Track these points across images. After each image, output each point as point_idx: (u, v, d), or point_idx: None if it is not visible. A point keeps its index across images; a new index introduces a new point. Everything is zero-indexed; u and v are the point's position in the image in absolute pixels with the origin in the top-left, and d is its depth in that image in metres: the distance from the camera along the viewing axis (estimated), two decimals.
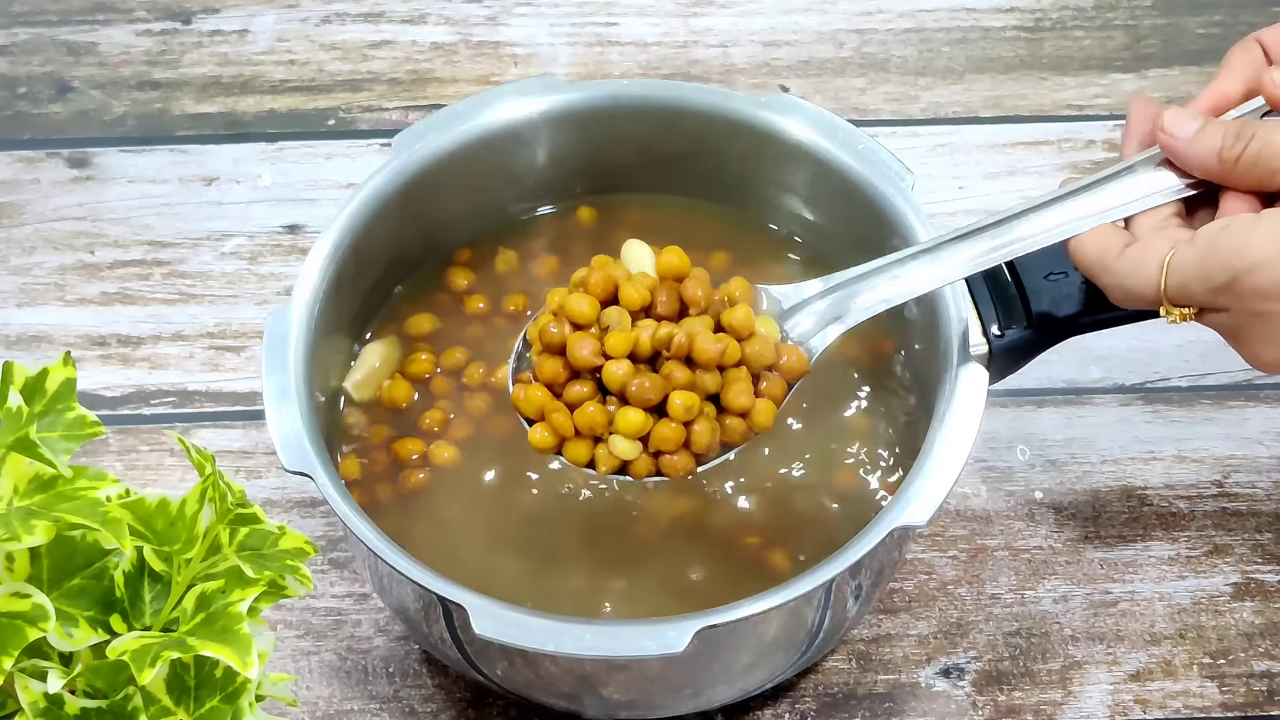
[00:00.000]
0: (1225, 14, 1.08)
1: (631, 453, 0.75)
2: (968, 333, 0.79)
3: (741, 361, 0.75)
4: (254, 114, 1.05)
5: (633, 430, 0.74)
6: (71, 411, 0.59)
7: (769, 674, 0.81)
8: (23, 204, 1.01)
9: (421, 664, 0.85)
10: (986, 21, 1.08)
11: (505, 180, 0.89)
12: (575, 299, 0.75)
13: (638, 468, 0.75)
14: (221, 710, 0.59)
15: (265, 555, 0.60)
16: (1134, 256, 0.74)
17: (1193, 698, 0.84)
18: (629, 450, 0.75)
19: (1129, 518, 0.90)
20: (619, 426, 0.74)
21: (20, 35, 1.08)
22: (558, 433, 0.75)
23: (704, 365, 0.74)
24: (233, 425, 0.93)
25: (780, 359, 0.76)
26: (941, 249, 0.76)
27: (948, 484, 0.75)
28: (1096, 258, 0.74)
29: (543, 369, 0.75)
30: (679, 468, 0.75)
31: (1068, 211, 0.76)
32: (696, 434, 0.74)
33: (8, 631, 0.56)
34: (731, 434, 0.75)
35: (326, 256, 0.82)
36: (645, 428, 0.74)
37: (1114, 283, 0.74)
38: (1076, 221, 0.75)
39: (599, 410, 0.74)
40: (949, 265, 0.76)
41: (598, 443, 0.75)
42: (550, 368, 0.75)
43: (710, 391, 0.75)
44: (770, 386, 0.76)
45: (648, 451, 0.75)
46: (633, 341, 0.74)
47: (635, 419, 0.74)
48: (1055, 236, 0.75)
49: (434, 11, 1.09)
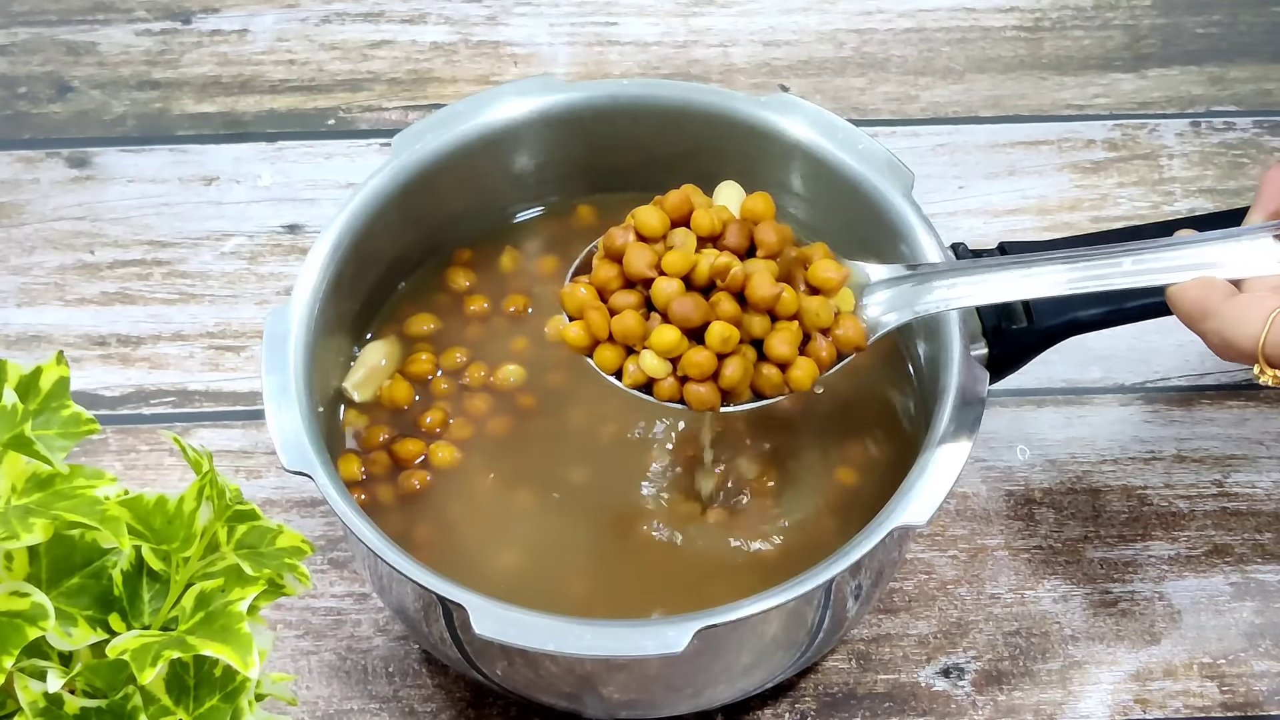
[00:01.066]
0: (1225, 13, 1.08)
1: (659, 371, 0.74)
2: (969, 332, 0.79)
3: (797, 315, 0.74)
4: (254, 114, 1.05)
5: (665, 347, 0.73)
6: (66, 409, 0.59)
7: (769, 674, 0.81)
8: (22, 204, 1.01)
9: (421, 664, 0.85)
10: (986, 21, 1.08)
11: (505, 180, 0.88)
12: (647, 211, 0.75)
13: (661, 389, 0.74)
14: (221, 709, 0.59)
15: (263, 553, 0.60)
16: (1239, 305, 0.72)
17: (1193, 698, 0.84)
18: (657, 368, 0.74)
19: (1129, 517, 0.90)
20: (653, 341, 0.73)
21: (20, 35, 1.08)
22: (592, 333, 0.74)
23: (755, 306, 0.73)
24: (232, 425, 0.93)
25: (839, 328, 0.75)
26: (1037, 264, 0.75)
27: (947, 484, 0.75)
28: (1199, 303, 0.73)
29: (598, 272, 0.75)
30: (703, 400, 0.74)
31: (1177, 259, 0.74)
32: (727, 370, 0.73)
33: (7, 631, 0.56)
34: (765, 383, 0.74)
35: (326, 256, 0.82)
36: (679, 348, 0.73)
37: (1214, 329, 0.72)
38: (1183, 270, 0.74)
39: (637, 320, 0.73)
40: (1040, 283, 0.75)
41: (630, 354, 0.75)
42: (605, 272, 0.74)
43: (755, 335, 0.73)
44: (819, 349, 0.75)
45: (676, 376, 0.74)
46: (691, 263, 0.73)
47: (670, 336, 0.73)
48: (1159, 279, 0.74)
49: (434, 11, 1.09)
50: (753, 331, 0.73)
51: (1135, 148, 1.03)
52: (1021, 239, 0.83)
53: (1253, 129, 1.03)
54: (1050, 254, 0.76)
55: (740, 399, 0.75)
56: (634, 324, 0.74)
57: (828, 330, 0.75)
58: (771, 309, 0.74)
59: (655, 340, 0.73)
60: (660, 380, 0.74)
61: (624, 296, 0.74)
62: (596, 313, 0.74)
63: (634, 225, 0.75)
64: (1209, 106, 1.04)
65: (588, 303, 0.75)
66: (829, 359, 0.75)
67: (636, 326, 0.74)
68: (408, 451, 0.83)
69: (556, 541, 0.81)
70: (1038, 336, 0.80)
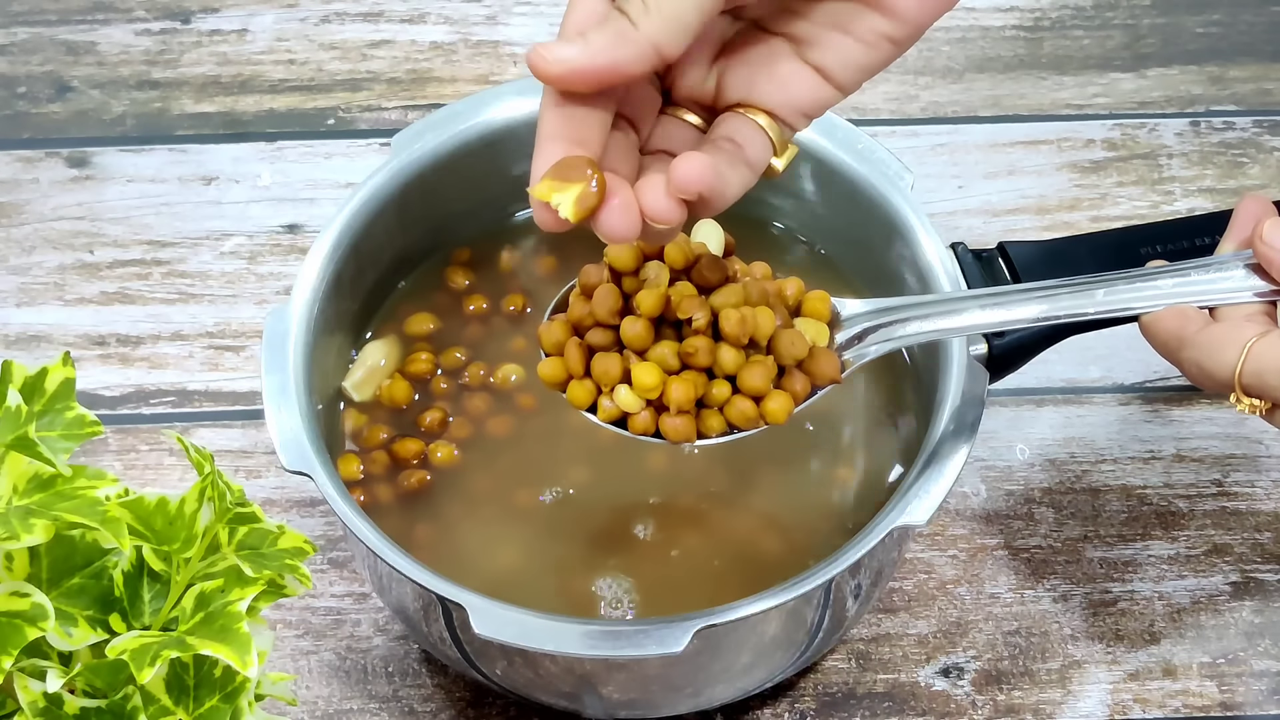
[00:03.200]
0: (1224, 13, 1.08)
1: (634, 406, 0.73)
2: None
3: (770, 349, 0.74)
4: (253, 113, 1.05)
5: (646, 389, 0.72)
6: (70, 411, 0.59)
7: (768, 673, 0.81)
8: (22, 203, 1.01)
9: (421, 663, 0.85)
10: (986, 21, 1.08)
11: (505, 180, 0.88)
12: (619, 248, 0.75)
13: (636, 423, 0.73)
14: (221, 709, 0.59)
15: (264, 554, 0.60)
16: (1215, 334, 0.72)
17: (1192, 697, 0.84)
18: (632, 404, 0.73)
19: (1128, 517, 0.90)
20: (636, 380, 0.72)
21: (20, 35, 1.08)
22: (567, 370, 0.74)
23: (730, 340, 0.73)
24: (232, 425, 0.93)
25: (814, 361, 0.75)
26: (1009, 298, 0.75)
27: (947, 484, 0.75)
28: (1174, 333, 0.73)
29: (573, 309, 0.75)
30: (680, 433, 0.73)
31: (1151, 289, 0.74)
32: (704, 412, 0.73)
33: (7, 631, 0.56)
34: (740, 417, 0.74)
35: (326, 256, 0.82)
36: (659, 389, 0.72)
37: (1191, 358, 0.72)
38: (1155, 300, 0.74)
39: (615, 361, 0.73)
40: (1011, 314, 0.75)
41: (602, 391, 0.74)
42: (579, 309, 0.74)
43: (728, 371, 0.73)
44: (793, 382, 0.74)
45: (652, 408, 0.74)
46: (662, 301, 0.73)
47: (651, 378, 0.72)
48: (1131, 309, 0.74)
49: (433, 11, 1.09)
50: (725, 367, 0.73)
51: (1135, 147, 1.03)
52: (1021, 239, 0.83)
53: (1252, 129, 1.03)
54: (1025, 287, 0.76)
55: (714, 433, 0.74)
56: (613, 367, 0.73)
57: (802, 364, 0.74)
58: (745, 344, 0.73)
59: (638, 380, 0.72)
60: (634, 415, 0.73)
61: (599, 334, 0.74)
62: (575, 350, 0.73)
63: (607, 261, 0.75)
64: (1209, 106, 1.04)
65: (564, 340, 0.74)
66: (803, 393, 0.74)
67: (615, 369, 0.73)
68: (407, 451, 0.83)
69: (556, 541, 0.81)
70: (1037, 336, 0.80)
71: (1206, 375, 0.72)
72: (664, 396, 0.72)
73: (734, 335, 0.72)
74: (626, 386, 0.72)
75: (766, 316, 0.73)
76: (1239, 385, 0.71)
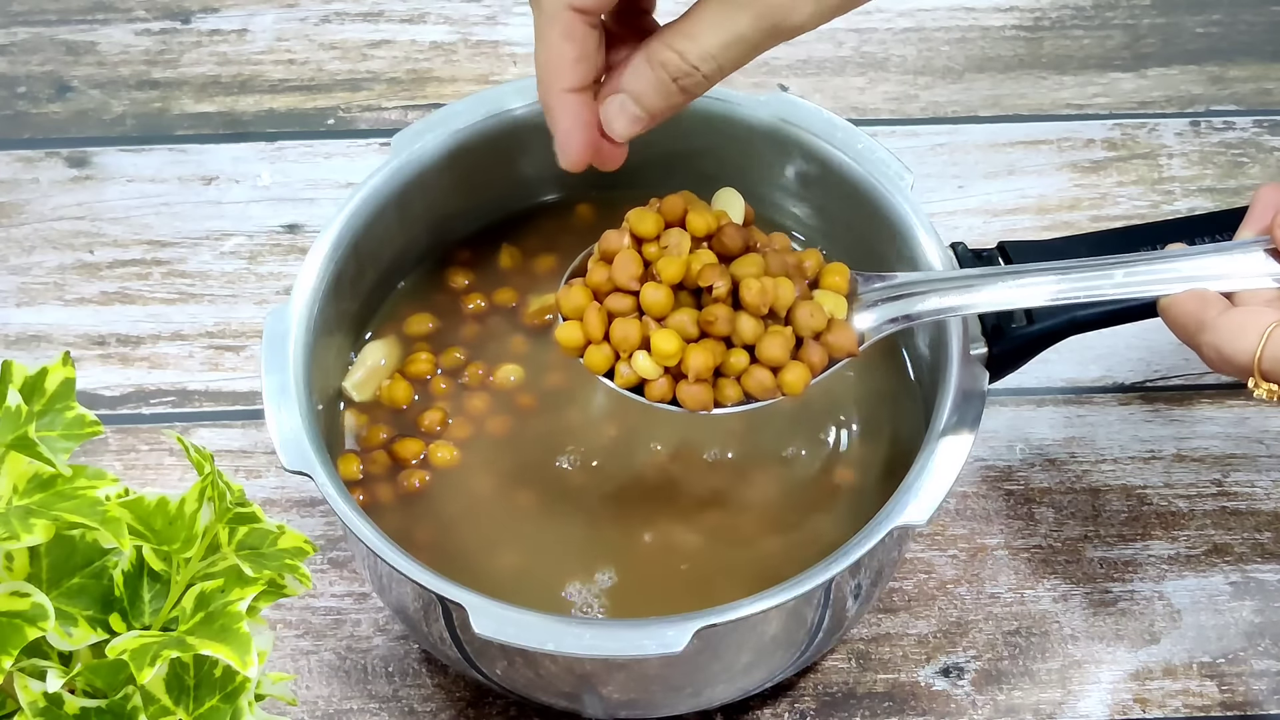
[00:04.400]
0: (1224, 13, 1.08)
1: (652, 373, 0.73)
2: (968, 332, 0.79)
3: (789, 320, 0.74)
4: (253, 113, 1.05)
5: (665, 356, 0.72)
6: (70, 411, 0.59)
7: (768, 673, 0.81)
8: (22, 203, 1.01)
9: (421, 663, 0.85)
10: (986, 21, 1.08)
11: (504, 180, 0.88)
12: (641, 213, 0.75)
13: (654, 390, 0.74)
14: (221, 709, 0.59)
15: (264, 554, 0.60)
16: (1235, 319, 0.72)
17: (1193, 697, 0.84)
18: (650, 370, 0.73)
19: (1129, 517, 0.90)
20: (655, 347, 0.73)
21: (19, 35, 1.08)
22: (586, 334, 0.74)
23: (749, 309, 0.73)
24: (232, 425, 0.93)
25: (832, 333, 0.75)
26: (1028, 275, 0.75)
27: (947, 484, 0.75)
28: (1193, 316, 0.73)
29: (593, 274, 0.74)
30: (697, 401, 0.73)
31: (1170, 271, 0.74)
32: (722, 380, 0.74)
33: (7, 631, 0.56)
34: (757, 387, 0.74)
35: (326, 256, 0.82)
36: (678, 356, 0.73)
37: (1209, 342, 0.72)
38: (1175, 283, 0.74)
39: (635, 327, 0.73)
40: (1029, 293, 0.75)
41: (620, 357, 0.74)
42: (599, 275, 0.74)
43: (747, 340, 0.74)
44: (811, 354, 0.74)
45: (669, 376, 0.74)
46: (683, 268, 0.73)
47: (670, 345, 0.72)
48: (1151, 291, 0.74)
49: (433, 11, 1.09)
50: (744, 336, 0.73)
51: (1135, 147, 1.03)
52: (1021, 239, 0.83)
53: (1252, 128, 1.03)
54: (1044, 265, 0.76)
55: (731, 402, 0.74)
56: (633, 332, 0.73)
57: (820, 335, 0.75)
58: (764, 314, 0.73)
59: (657, 346, 0.73)
60: (652, 381, 0.74)
61: (619, 300, 0.74)
62: (594, 315, 0.74)
63: (628, 227, 0.75)
64: (1209, 106, 1.04)
65: (584, 305, 0.74)
66: (820, 364, 0.75)
67: (635, 335, 0.73)
68: (407, 451, 0.83)
69: (556, 541, 0.81)
70: (1037, 336, 0.80)
71: (1225, 360, 0.72)
72: (682, 364, 0.73)
73: (754, 305, 0.72)
74: (645, 353, 0.73)
75: (787, 287, 0.74)
76: (1258, 370, 0.71)
